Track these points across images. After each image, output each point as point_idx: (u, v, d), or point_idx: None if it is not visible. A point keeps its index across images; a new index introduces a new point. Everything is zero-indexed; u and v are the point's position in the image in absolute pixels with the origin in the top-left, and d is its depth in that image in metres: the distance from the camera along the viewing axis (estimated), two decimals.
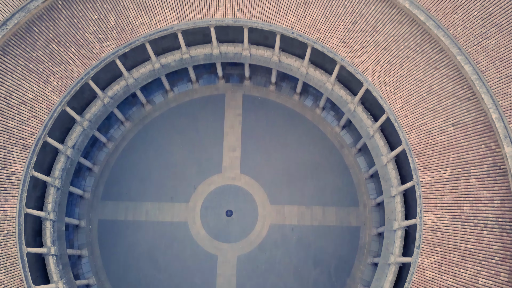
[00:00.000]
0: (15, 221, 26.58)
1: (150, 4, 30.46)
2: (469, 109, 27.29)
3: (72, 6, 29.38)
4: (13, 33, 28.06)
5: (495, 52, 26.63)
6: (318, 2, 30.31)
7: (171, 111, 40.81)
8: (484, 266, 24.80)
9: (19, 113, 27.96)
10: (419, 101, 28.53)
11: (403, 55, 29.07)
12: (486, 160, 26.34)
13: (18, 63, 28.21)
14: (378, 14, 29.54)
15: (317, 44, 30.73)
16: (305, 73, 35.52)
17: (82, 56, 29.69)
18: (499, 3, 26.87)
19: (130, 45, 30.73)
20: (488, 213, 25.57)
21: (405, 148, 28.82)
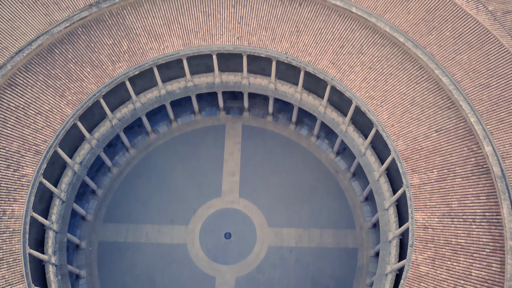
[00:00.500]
0: (22, 220, 27.62)
1: (159, 32, 34.21)
2: (450, 117, 29.63)
3: (90, 32, 33.08)
4: (36, 53, 31.36)
5: (468, 65, 29.66)
6: (309, 30, 34.08)
7: (174, 139, 43.14)
8: (476, 259, 25.43)
9: (35, 122, 30.27)
10: (404, 112, 30.95)
11: (387, 73, 32.08)
12: (469, 160, 28.10)
13: (38, 79, 31.14)
14: (362, 39, 33.10)
15: (309, 67, 33.92)
16: (299, 98, 38.44)
17: (96, 75, 32.72)
18: (467, 24, 30.48)
19: (140, 67, 33.94)
20: (475, 208, 26.75)
21: (394, 156, 30.61)
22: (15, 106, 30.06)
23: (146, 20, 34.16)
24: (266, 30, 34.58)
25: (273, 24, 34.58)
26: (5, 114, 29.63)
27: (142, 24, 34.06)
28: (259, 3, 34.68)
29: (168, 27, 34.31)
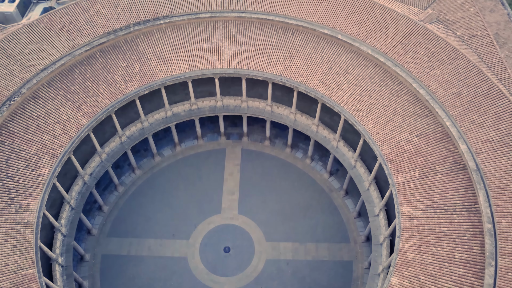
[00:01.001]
0: (35, 214, 29.74)
1: (167, 57, 38.55)
2: (428, 123, 32.82)
3: (107, 55, 37.42)
4: (59, 71, 35.42)
5: (441, 78, 33.44)
6: (301, 54, 38.44)
7: (178, 162, 45.97)
8: (458, 243, 27.25)
9: (53, 130, 33.46)
10: (387, 121, 34.18)
11: (371, 89, 35.82)
12: (447, 159, 30.84)
13: (58, 93, 34.87)
14: (348, 61, 37.30)
15: (301, 86, 37.78)
16: (294, 119, 41.93)
17: (110, 92, 36.49)
18: (439, 45, 34.74)
19: (150, 87, 37.82)
20: (455, 200, 29.02)
21: (380, 161, 33.31)
22: (37, 115, 33.45)
23: (157, 46, 38.70)
24: (262, 55, 38.95)
25: (269, 50, 39.04)
26: (27, 122, 32.92)
27: (153, 50, 38.55)
28: (256, 33, 39.44)
29: (175, 53, 38.74)
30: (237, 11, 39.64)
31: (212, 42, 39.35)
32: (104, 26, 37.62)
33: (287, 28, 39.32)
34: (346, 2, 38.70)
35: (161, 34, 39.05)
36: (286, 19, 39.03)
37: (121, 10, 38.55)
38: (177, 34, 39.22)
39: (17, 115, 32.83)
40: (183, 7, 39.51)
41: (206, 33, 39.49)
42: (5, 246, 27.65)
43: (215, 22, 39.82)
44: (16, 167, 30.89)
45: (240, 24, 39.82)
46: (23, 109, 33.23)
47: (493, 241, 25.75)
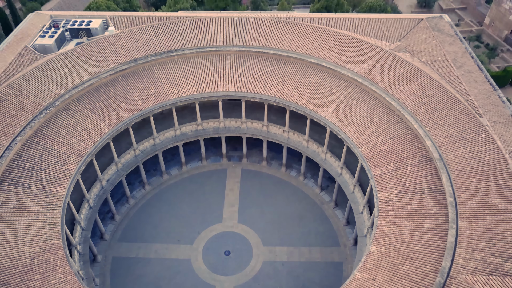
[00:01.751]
0: (63, 199, 34.39)
1: (178, 82, 45.40)
2: (400, 128, 38.56)
3: (127, 79, 44.29)
4: (87, 90, 42.02)
5: (408, 91, 39.82)
6: (291, 80, 45.29)
7: (184, 179, 50.96)
8: (426, 216, 31.68)
9: (80, 135, 39.19)
10: (365, 128, 39.95)
11: (351, 104, 42.08)
12: (416, 154, 36.14)
13: (85, 107, 41.14)
14: (331, 83, 44.01)
15: (292, 105, 44.12)
16: (287, 137, 47.72)
17: (129, 108, 42.75)
18: (406, 67, 41.64)
19: (162, 106, 44.16)
20: (423, 184, 33.86)
21: (361, 161, 38.56)
22: (67, 123, 39.39)
23: (169, 73, 45.73)
24: (259, 81, 45.80)
25: (264, 77, 45.99)
26: (59, 128, 38.77)
27: (166, 76, 45.53)
28: (254, 63, 46.69)
29: (185, 79, 45.66)
30: (238, 46, 47.27)
31: (216, 71, 46.46)
32: (126, 56, 44.96)
33: (280, 59, 46.65)
34: (328, 37, 46.46)
35: (173, 63, 46.31)
36: (279, 52, 46.50)
37: (141, 44, 46.17)
38: (187, 64, 46.49)
39: (51, 122, 38.77)
40: (192, 42, 47.24)
41: (212, 64, 46.77)
42: (36, 221, 32.07)
43: (219, 55, 47.30)
44: (48, 162, 36.15)
45: (240, 57, 47.24)
46: (56, 117, 39.26)
47: (454, 210, 30.23)
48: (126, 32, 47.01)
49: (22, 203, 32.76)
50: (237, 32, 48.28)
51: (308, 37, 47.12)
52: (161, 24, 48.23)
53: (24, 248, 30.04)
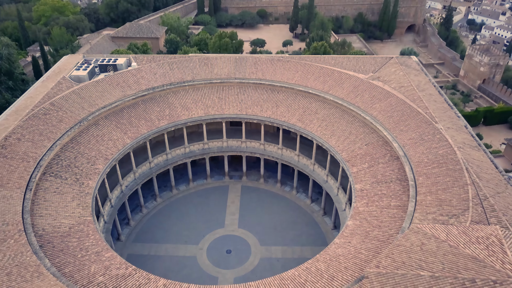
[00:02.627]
0: (93, 190, 41.37)
1: (189, 106, 54.10)
2: (373, 136, 46.50)
3: (146, 103, 53.03)
4: (113, 110, 50.58)
5: (379, 108, 48.24)
6: (283, 104, 54.00)
7: (191, 194, 57.83)
8: (393, 198, 38.56)
9: (107, 144, 47.07)
10: (344, 139, 47.85)
11: (333, 121, 50.36)
12: (386, 155, 43.70)
13: (111, 123, 49.44)
14: (317, 106, 52.65)
15: (284, 124, 52.40)
16: (281, 154, 55.43)
17: (147, 125, 50.99)
18: (378, 90, 50.50)
19: (175, 125, 52.40)
20: (392, 176, 41.07)
21: (342, 165, 45.99)
22: (96, 134, 47.45)
23: (182, 99, 54.60)
24: (256, 106, 54.52)
25: (261, 102, 54.77)
26: (90, 137, 46.75)
27: (179, 101, 54.35)
28: (252, 92, 55.71)
29: (195, 104, 54.44)
30: (239, 79, 56.66)
31: (221, 98, 55.37)
32: (145, 84, 54.13)
33: (274, 88, 55.78)
34: (314, 70, 55.98)
35: (185, 92, 55.39)
36: (273, 83, 55.77)
37: (158, 76, 55.58)
38: (196, 93, 55.55)
39: (83, 132, 46.85)
40: (201, 75, 56.70)
41: (217, 92, 55.83)
42: (72, 203, 38.89)
43: (223, 86, 56.53)
44: (80, 162, 43.69)
45: (241, 87, 56.44)
46: (88, 129, 47.41)
47: (414, 190, 37.18)
48: (146, 66, 56.69)
49: (61, 189, 39.87)
50: (238, 68, 57.96)
51: (297, 71, 56.67)
52: (175, 60, 58.15)
53: (63, 220, 36.70)
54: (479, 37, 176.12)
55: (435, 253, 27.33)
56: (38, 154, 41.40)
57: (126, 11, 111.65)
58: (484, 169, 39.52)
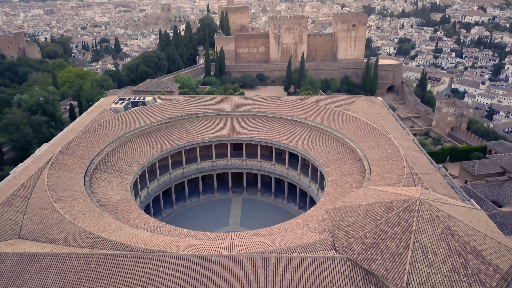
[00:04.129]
0: (130, 182, 55.10)
1: (202, 131, 69.20)
2: (342, 147, 60.98)
3: (168, 128, 68.20)
4: (143, 132, 65.63)
5: (348, 128, 63.26)
6: (275, 129, 69.14)
7: (201, 204, 70.85)
8: (354, 183, 52.09)
9: (139, 154, 61.43)
10: (321, 150, 62.25)
11: (313, 139, 65.09)
12: (351, 158, 57.89)
13: (142, 141, 64.21)
14: (301, 130, 67.74)
15: (276, 144, 67.10)
16: (274, 169, 69.40)
17: (169, 143, 65.65)
18: (346, 115, 65.96)
19: (191, 144, 67.10)
20: (355, 171, 54.92)
21: (320, 169, 59.88)
22: (131, 147, 62.00)
23: (196, 126, 69.87)
24: (254, 131, 69.62)
25: (258, 128, 69.93)
26: (127, 149, 61.27)
27: (194, 127, 69.58)
28: (251, 121, 71.14)
29: (206, 130, 69.63)
30: (241, 111, 72.40)
31: (226, 126, 70.70)
32: (168, 115, 69.73)
33: (268, 118, 71.28)
34: (298, 104, 71.91)
35: (198, 121, 70.87)
36: (267, 114, 71.41)
37: (178, 109, 71.39)
38: (207, 121, 71.02)
39: (122, 145, 61.49)
40: (211, 109, 72.54)
41: (223, 121, 71.28)
42: (116, 188, 52.40)
43: (228, 117, 72.14)
44: (120, 164, 57.80)
45: (242, 118, 72.00)
46: (124, 144, 62.08)
47: (369, 174, 50.91)
48: (168, 102, 72.84)
49: (108, 179, 53.66)
50: (240, 104, 74.03)
51: (286, 105, 72.63)
52: (191, 98, 74.53)
53: (111, 196, 50.03)
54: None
55: (372, 195, 40.68)
56: (91, 155, 55.74)
57: (144, 72, 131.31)
58: (420, 162, 53.53)
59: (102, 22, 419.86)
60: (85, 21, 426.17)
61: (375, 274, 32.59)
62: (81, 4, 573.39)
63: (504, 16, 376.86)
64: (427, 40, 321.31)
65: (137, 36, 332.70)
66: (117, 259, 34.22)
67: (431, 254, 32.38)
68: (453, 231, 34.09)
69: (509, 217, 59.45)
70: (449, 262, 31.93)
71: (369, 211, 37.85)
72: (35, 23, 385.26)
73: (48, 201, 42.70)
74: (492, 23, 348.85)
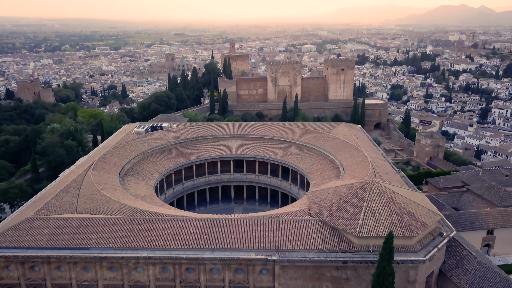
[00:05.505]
0: (153, 185, 68.72)
1: (209, 149, 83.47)
2: (324, 160, 75.02)
3: (182, 147, 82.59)
4: (161, 149, 79.95)
5: (330, 145, 77.66)
6: (270, 148, 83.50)
7: (207, 211, 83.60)
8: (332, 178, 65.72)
9: (159, 166, 75.38)
10: (307, 162, 76.20)
11: (301, 155, 79.26)
12: (331, 167, 71.80)
13: (161, 156, 78.39)
14: (291, 148, 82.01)
15: (271, 159, 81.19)
16: (269, 181, 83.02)
17: (183, 159, 79.73)
18: (328, 136, 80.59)
19: (200, 160, 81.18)
20: (333, 175, 68.65)
21: (306, 177, 73.53)
22: (152, 161, 76.07)
23: (205, 146, 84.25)
24: (253, 149, 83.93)
25: (256, 148, 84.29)
26: (149, 161, 75.28)
27: (203, 147, 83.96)
28: (250, 142, 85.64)
29: (213, 148, 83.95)
30: (242, 134, 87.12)
31: (229, 146, 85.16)
32: (182, 136, 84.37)
33: (264, 139, 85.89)
34: (289, 129, 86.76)
35: (206, 142, 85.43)
36: (263, 136, 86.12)
37: (190, 132, 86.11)
38: (214, 142, 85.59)
39: (144, 159, 75.58)
40: (217, 133, 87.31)
41: (228, 142, 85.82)
42: (142, 188, 65.93)
43: (231, 139, 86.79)
44: (145, 172, 71.64)
45: (243, 139, 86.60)
46: (147, 158, 76.22)
47: (343, 172, 64.65)
48: (181, 127, 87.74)
49: (136, 182, 67.36)
50: (241, 129, 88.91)
51: (279, 129, 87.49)
52: (201, 124, 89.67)
53: (139, 192, 63.46)
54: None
55: (339, 183, 54.23)
56: (122, 164, 69.79)
57: (155, 110, 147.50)
58: (384, 166, 67.36)
59: (109, 70, 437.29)
60: (92, 69, 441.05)
61: (338, 229, 45.81)
62: (88, 54, 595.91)
63: (490, 64, 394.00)
64: (418, 86, 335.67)
65: (142, 83, 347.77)
66: (152, 221, 47.59)
67: (377, 214, 45.75)
68: (394, 200, 47.61)
69: (462, 216, 72.07)
70: (389, 219, 45.24)
71: (336, 191, 51.60)
72: (45, 72, 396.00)
73: (95, 189, 56.32)
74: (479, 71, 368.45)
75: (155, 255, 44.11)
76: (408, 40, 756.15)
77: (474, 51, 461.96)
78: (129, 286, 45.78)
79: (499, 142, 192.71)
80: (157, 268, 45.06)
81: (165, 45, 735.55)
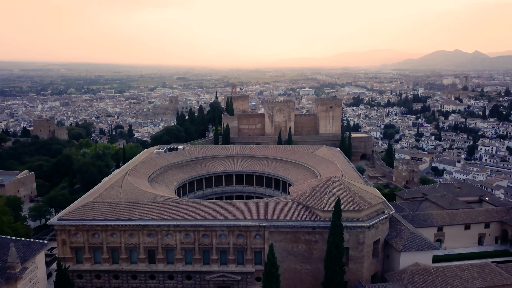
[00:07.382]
0: (173, 189, 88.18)
1: (216, 166, 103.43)
2: (308, 172, 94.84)
3: (194, 164, 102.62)
4: (177, 165, 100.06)
5: (312, 160, 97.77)
6: (264, 164, 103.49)
7: None
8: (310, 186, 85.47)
9: (176, 177, 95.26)
10: (294, 174, 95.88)
11: (290, 169, 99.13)
12: (313, 176, 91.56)
13: (177, 169, 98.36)
14: (281, 164, 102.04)
15: (266, 173, 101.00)
16: (265, 191, 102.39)
17: (195, 172, 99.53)
18: (312, 155, 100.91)
19: (208, 174, 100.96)
20: (311, 178, 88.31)
21: (292, 184, 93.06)
22: (171, 173, 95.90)
23: (212, 163, 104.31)
24: (251, 166, 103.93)
25: (253, 164, 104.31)
26: (168, 173, 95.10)
27: (211, 164, 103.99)
28: (249, 160, 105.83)
29: (218, 165, 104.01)
30: (242, 154, 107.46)
31: (232, 163, 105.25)
32: (194, 156, 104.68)
33: (260, 158, 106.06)
34: (280, 149, 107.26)
35: (213, 160, 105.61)
36: (260, 155, 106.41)
37: (200, 153, 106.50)
38: (219, 160, 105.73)
39: (164, 172, 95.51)
40: (222, 153, 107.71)
41: (231, 161, 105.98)
42: (165, 191, 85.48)
43: (234, 157, 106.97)
44: (166, 181, 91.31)
45: (243, 158, 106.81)
46: (166, 171, 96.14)
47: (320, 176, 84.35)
48: (193, 148, 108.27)
49: (159, 187, 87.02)
50: (242, 150, 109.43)
51: (272, 150, 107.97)
52: (209, 147, 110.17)
53: (163, 194, 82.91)
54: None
55: (313, 180, 73.99)
56: (148, 173, 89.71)
57: (166, 141, 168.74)
58: (351, 174, 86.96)
59: (114, 112, 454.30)
60: (98, 111, 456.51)
61: (309, 206, 65.29)
62: (94, 97, 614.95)
63: (478, 105, 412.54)
64: (409, 126, 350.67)
65: (147, 124, 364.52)
66: (178, 203, 67.24)
67: (336, 196, 65.34)
68: (350, 188, 67.34)
69: (417, 216, 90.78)
70: (345, 200, 64.76)
71: (310, 184, 71.62)
72: (52, 113, 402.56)
73: (134, 186, 76.07)
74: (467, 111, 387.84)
75: (181, 224, 63.26)
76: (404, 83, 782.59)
77: (463, 93, 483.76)
78: (162, 248, 64.52)
79: (485, 177, 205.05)
80: (182, 234, 64.02)
81: (168, 88, 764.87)
